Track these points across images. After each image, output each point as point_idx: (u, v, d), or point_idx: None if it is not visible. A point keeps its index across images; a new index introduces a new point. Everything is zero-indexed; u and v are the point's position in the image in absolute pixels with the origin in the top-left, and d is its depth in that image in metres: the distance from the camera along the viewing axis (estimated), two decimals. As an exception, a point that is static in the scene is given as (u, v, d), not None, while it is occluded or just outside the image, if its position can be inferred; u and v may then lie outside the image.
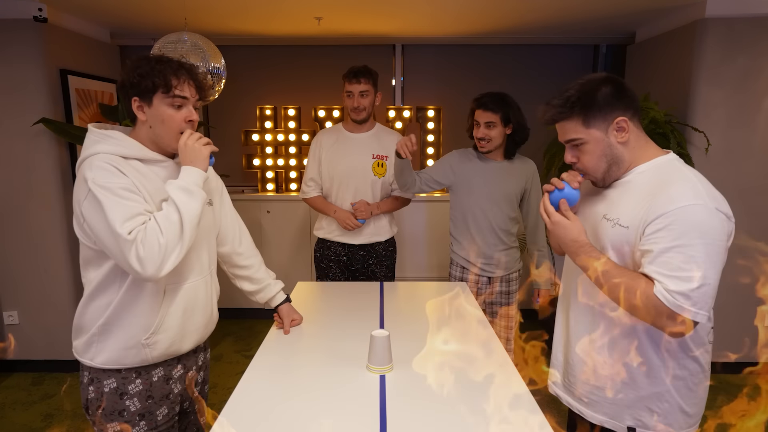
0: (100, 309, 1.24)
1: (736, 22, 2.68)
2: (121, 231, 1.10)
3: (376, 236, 2.40)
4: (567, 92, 1.16)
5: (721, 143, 2.78)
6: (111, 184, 1.14)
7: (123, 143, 1.22)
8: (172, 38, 2.29)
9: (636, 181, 1.15)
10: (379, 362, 1.35)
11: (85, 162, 1.19)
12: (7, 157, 2.82)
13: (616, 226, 1.14)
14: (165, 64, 1.23)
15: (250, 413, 1.16)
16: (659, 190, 1.08)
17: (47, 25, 2.73)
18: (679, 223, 1.02)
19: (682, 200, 1.03)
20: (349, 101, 2.31)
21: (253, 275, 1.61)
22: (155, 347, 1.27)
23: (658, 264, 1.03)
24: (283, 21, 3.18)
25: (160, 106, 1.23)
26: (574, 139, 1.17)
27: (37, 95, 2.76)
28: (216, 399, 2.68)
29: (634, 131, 1.15)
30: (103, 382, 1.26)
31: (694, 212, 1.01)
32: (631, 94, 1.15)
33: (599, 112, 1.13)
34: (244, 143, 3.72)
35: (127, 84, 1.22)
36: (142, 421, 1.29)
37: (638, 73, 3.39)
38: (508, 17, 3.12)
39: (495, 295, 2.28)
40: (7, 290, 2.95)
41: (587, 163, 1.17)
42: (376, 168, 2.36)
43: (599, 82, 1.14)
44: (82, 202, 1.14)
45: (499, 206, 2.17)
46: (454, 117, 3.78)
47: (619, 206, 1.15)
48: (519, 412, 1.17)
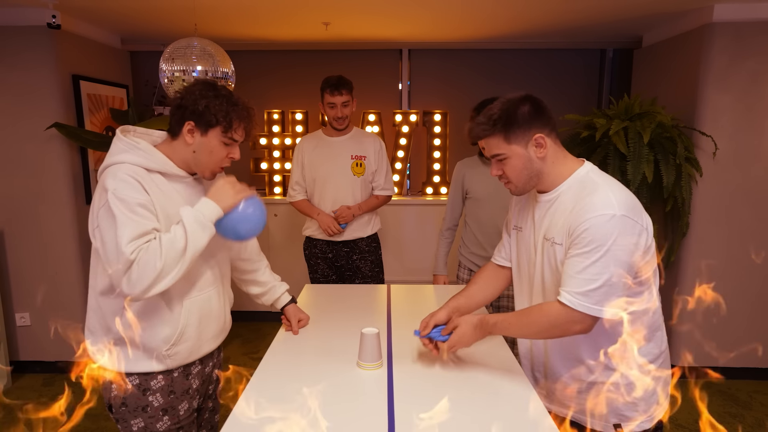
0: (110, 315, 1.25)
1: (744, 27, 2.67)
2: (125, 249, 1.11)
3: (357, 233, 2.54)
4: (490, 111, 1.24)
5: (728, 147, 2.77)
6: (129, 198, 1.15)
7: (149, 156, 1.24)
8: (183, 44, 2.33)
9: (561, 200, 1.24)
10: (369, 359, 1.38)
11: (109, 169, 1.20)
12: (20, 161, 2.86)
13: (554, 245, 1.23)
14: (233, 105, 1.26)
15: (258, 415, 1.18)
16: (577, 205, 1.17)
17: (60, 31, 2.78)
18: (587, 233, 1.12)
19: (592, 211, 1.12)
20: (332, 112, 2.43)
21: (258, 278, 1.64)
22: (176, 357, 1.31)
23: (567, 267, 1.15)
24: (291, 26, 3.21)
25: (213, 140, 1.26)
26: (498, 154, 1.25)
27: (49, 100, 2.81)
28: (224, 401, 2.70)
29: (552, 147, 1.23)
30: (125, 378, 1.29)
31: (600, 222, 1.11)
32: (548, 113, 1.23)
33: (519, 129, 1.21)
34: (251, 147, 3.75)
35: (189, 108, 1.24)
36: (165, 416, 1.31)
37: (645, 78, 3.38)
38: (514, 22, 3.13)
39: (502, 298, 2.29)
40: (19, 292, 2.99)
41: (510, 175, 1.26)
42: (355, 168, 2.50)
43: (519, 102, 1.22)
44: (99, 209, 1.16)
45: (506, 210, 2.17)
46: (461, 121, 3.79)
47: (553, 226, 1.24)
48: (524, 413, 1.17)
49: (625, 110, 2.85)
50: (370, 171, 2.52)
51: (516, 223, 1.43)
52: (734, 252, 2.87)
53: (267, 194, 3.81)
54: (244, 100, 1.31)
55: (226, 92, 1.27)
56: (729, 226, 2.85)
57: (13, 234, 2.94)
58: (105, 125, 3.22)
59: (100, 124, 3.16)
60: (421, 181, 3.87)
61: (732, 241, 2.86)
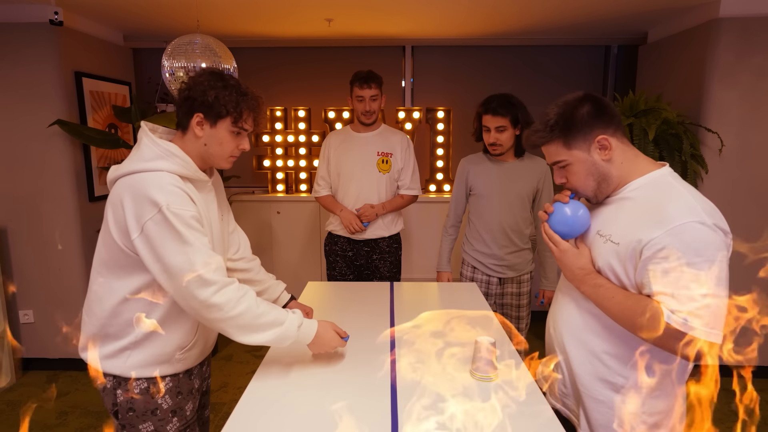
0: (129, 322, 1.21)
1: (751, 22, 2.64)
2: (198, 267, 1.13)
3: (379, 232, 2.49)
4: (546, 116, 1.17)
5: (734, 144, 2.75)
6: (184, 213, 1.14)
7: (185, 164, 1.21)
8: (185, 40, 2.32)
9: (630, 198, 1.14)
10: (483, 370, 1.31)
11: (149, 176, 1.15)
12: (22, 158, 2.86)
13: (608, 242, 1.14)
14: (243, 95, 1.24)
15: (261, 412, 1.17)
16: (654, 209, 1.06)
17: (62, 28, 2.78)
18: (678, 242, 1.00)
19: (679, 218, 1.01)
20: (360, 105, 2.39)
21: (254, 278, 1.61)
22: (187, 360, 1.31)
23: (662, 285, 1.02)
24: (293, 23, 3.20)
25: (223, 131, 1.25)
26: (559, 161, 1.18)
27: (52, 97, 2.81)
28: (227, 398, 2.70)
29: (620, 147, 1.14)
30: (132, 383, 1.26)
31: (693, 230, 1.00)
32: (610, 111, 1.14)
33: (579, 133, 1.13)
34: (254, 144, 3.75)
35: (197, 99, 1.21)
36: (174, 417, 1.31)
37: (650, 74, 3.36)
38: (518, 18, 3.11)
39: (506, 296, 2.28)
40: (22, 289, 3.00)
41: (575, 182, 1.18)
42: (381, 164, 2.45)
43: (576, 103, 1.15)
44: (146, 221, 1.12)
45: (511, 207, 2.17)
46: (464, 118, 3.78)
47: (613, 223, 1.15)
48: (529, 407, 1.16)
49: (630, 107, 2.83)
50: (396, 169, 2.48)
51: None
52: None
53: (270, 191, 3.81)
54: (253, 89, 1.29)
55: (234, 82, 1.25)
56: (735, 223, 2.80)
57: (17, 231, 2.94)
58: (108, 122, 3.21)
59: (102, 122, 3.16)
60: (424, 179, 3.86)
61: (737, 238, 2.83)
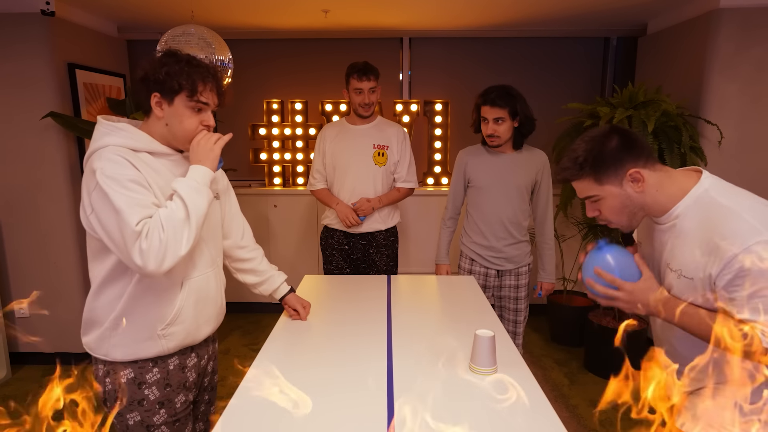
0: (111, 302, 1.23)
1: (752, 12, 2.62)
2: (129, 220, 1.10)
3: (375, 225, 2.47)
4: (574, 153, 1.14)
5: (734, 136, 2.73)
6: (120, 176, 1.13)
7: (133, 136, 1.22)
8: (179, 31, 2.29)
9: (681, 227, 1.10)
10: (483, 363, 1.30)
11: (94, 154, 1.18)
12: (16, 151, 2.83)
13: (681, 277, 1.10)
14: (195, 67, 1.22)
15: (257, 405, 1.16)
16: (709, 235, 1.03)
17: (54, 18, 2.73)
18: (747, 266, 0.97)
19: (740, 242, 0.98)
20: (358, 98, 2.36)
21: (256, 267, 1.61)
22: (171, 338, 1.28)
23: (748, 312, 1.00)
24: (290, 14, 3.16)
25: (181, 107, 1.23)
26: (591, 197, 1.15)
27: (45, 89, 2.77)
28: (224, 392, 2.69)
29: (653, 176, 1.11)
30: (119, 373, 1.26)
31: (758, 251, 0.97)
32: (639, 143, 1.12)
33: (610, 168, 1.10)
34: (251, 137, 3.72)
35: (150, 78, 1.21)
36: (162, 409, 1.30)
37: (650, 66, 3.34)
38: (517, 9, 3.08)
39: (504, 288, 2.27)
40: (17, 283, 2.98)
41: (609, 215, 1.15)
42: (377, 157, 2.43)
43: (603, 138, 1.12)
44: (91, 192, 1.14)
45: (509, 199, 2.15)
46: (462, 110, 3.75)
47: (677, 256, 1.11)
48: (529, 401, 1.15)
49: (630, 99, 2.81)
50: (392, 161, 2.45)
51: (638, 236, 1.30)
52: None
53: (267, 185, 3.78)
54: (207, 61, 1.28)
55: (186, 56, 1.23)
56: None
57: (11, 225, 2.92)
58: (102, 114, 3.18)
59: (97, 114, 3.12)
60: (422, 171, 3.84)
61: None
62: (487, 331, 1.31)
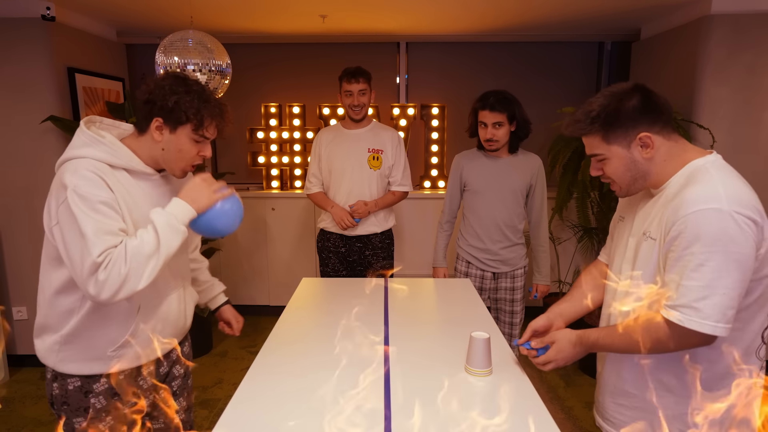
0: (64, 314, 1.19)
1: (742, 19, 2.66)
2: (93, 250, 1.05)
3: (371, 228, 2.51)
4: (590, 105, 1.09)
5: (726, 140, 2.77)
6: (92, 196, 1.08)
7: (114, 151, 1.17)
8: (178, 36, 2.31)
9: (665, 192, 1.09)
10: (478, 365, 1.31)
11: (68, 164, 1.13)
12: (15, 155, 2.85)
13: (648, 239, 1.09)
14: (205, 102, 1.19)
15: (255, 408, 1.18)
16: (678, 195, 1.02)
17: (55, 23, 2.76)
18: (688, 230, 0.96)
19: (693, 205, 0.97)
20: (348, 100, 2.41)
21: (198, 276, 1.58)
22: (123, 359, 1.23)
23: (670, 274, 1.00)
24: (288, 19, 3.19)
25: (183, 137, 1.20)
26: (596, 155, 1.12)
27: (44, 93, 2.79)
28: (222, 394, 2.71)
29: (665, 144, 1.07)
30: (66, 380, 1.23)
31: (704, 217, 0.95)
32: (660, 107, 1.06)
33: (620, 128, 1.06)
34: (249, 141, 3.74)
35: (157, 103, 1.17)
36: (108, 416, 1.25)
37: (643, 70, 3.38)
38: (513, 14, 3.11)
39: (500, 290, 2.29)
40: (15, 286, 2.99)
41: (612, 175, 1.13)
42: (372, 161, 2.47)
43: (623, 95, 1.06)
44: (60, 205, 1.09)
45: (505, 203, 2.18)
46: (458, 114, 3.78)
47: (653, 218, 1.09)
48: (524, 403, 1.18)
49: (623, 103, 2.84)
50: (387, 165, 2.50)
51: (621, 212, 1.26)
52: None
53: (264, 188, 3.80)
54: (216, 96, 1.25)
55: (197, 87, 1.21)
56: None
57: (9, 228, 2.93)
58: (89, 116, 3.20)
59: (95, 118, 3.14)
60: (419, 175, 3.87)
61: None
62: (483, 333, 1.32)
